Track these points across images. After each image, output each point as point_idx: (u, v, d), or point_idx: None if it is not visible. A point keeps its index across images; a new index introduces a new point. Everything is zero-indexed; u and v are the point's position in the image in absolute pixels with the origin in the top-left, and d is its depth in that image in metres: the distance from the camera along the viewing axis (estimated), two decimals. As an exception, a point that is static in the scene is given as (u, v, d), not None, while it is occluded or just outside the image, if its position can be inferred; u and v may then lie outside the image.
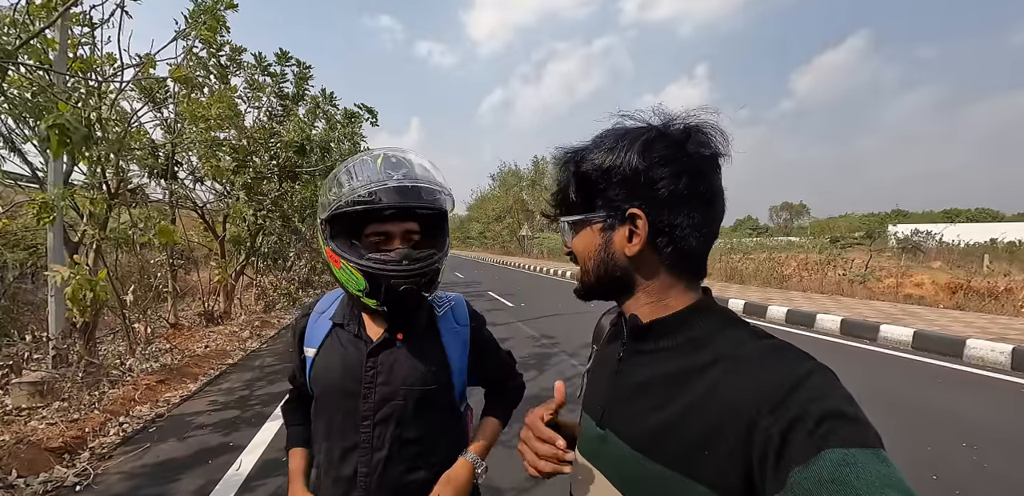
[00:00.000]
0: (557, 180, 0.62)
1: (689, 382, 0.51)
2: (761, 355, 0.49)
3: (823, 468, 0.38)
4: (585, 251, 0.60)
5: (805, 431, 0.41)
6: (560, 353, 5.24)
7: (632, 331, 0.60)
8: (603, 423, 0.60)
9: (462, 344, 1.02)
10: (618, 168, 0.55)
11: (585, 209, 0.59)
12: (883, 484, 0.36)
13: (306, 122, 7.54)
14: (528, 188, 33.90)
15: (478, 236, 46.13)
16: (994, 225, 23.15)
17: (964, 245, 15.18)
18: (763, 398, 0.44)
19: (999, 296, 8.14)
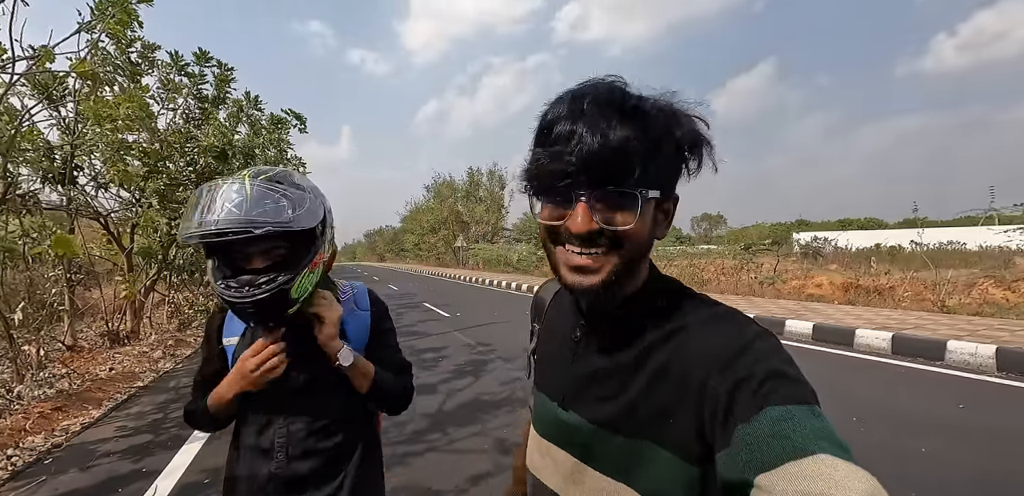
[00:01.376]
0: (631, 135, 0.46)
1: (651, 356, 0.52)
2: (712, 322, 0.51)
3: (763, 424, 0.40)
4: (640, 234, 0.50)
5: (749, 391, 0.43)
6: (496, 359, 5.28)
7: (600, 309, 0.58)
8: (566, 405, 0.59)
9: (363, 327, 1.08)
10: (698, 143, 0.50)
11: (661, 185, 0.49)
12: (817, 436, 0.38)
13: (227, 127, 7.17)
14: (463, 199, 33.92)
15: (412, 248, 45.32)
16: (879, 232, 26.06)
17: (855, 249, 17.00)
18: (712, 361, 0.47)
19: (883, 292, 9.21)
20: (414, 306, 10.90)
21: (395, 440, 3.12)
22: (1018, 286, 9.20)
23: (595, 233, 0.48)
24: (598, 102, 0.47)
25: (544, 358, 0.68)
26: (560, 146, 0.47)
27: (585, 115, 0.46)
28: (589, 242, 0.49)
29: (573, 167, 0.46)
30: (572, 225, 0.47)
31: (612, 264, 0.49)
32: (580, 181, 0.47)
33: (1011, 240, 11.09)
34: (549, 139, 0.48)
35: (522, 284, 14.43)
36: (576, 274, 0.50)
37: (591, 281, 0.50)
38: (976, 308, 6.89)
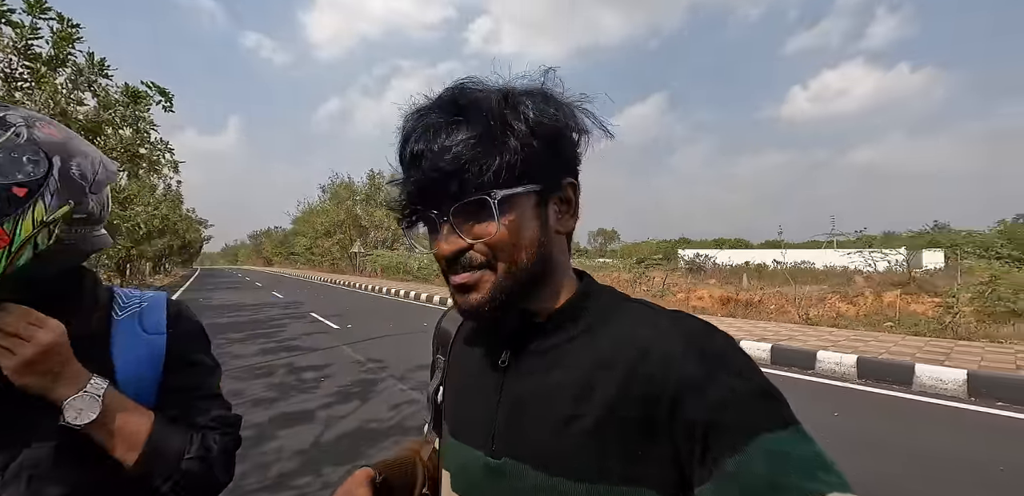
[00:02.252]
0: (463, 139, 0.43)
1: (605, 375, 0.44)
2: (666, 325, 0.45)
3: (755, 458, 0.37)
4: (512, 240, 0.45)
5: (733, 415, 0.39)
6: (388, 378, 4.78)
7: (527, 330, 0.50)
8: (498, 452, 0.48)
9: (149, 358, 0.67)
10: (567, 129, 0.48)
11: (530, 178, 0.45)
12: (813, 467, 0.36)
13: (65, 95, 5.91)
14: (362, 203, 32.23)
15: (304, 252, 42.22)
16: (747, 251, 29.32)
17: (730, 266, 18.80)
18: (683, 383, 0.41)
19: (755, 305, 10.12)
20: (299, 317, 9.89)
21: (253, 488, 2.54)
22: (857, 300, 10.64)
23: (463, 250, 0.45)
24: (430, 114, 0.45)
25: (458, 397, 0.57)
26: (407, 172, 0.46)
27: (417, 131, 0.45)
28: (456, 262, 0.46)
29: (420, 192, 0.45)
30: (438, 250, 0.46)
31: (492, 278, 0.45)
32: (435, 203, 0.45)
33: (852, 262, 12.84)
34: (402, 164, 0.47)
35: (421, 293, 13.85)
36: (460, 293, 0.47)
37: (475, 299, 0.46)
38: (833, 320, 7.73)
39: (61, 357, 0.56)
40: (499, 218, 0.43)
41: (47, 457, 0.57)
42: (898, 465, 2.75)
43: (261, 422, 3.52)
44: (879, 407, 3.89)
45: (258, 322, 9.16)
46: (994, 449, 2.96)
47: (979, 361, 4.57)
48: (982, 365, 4.40)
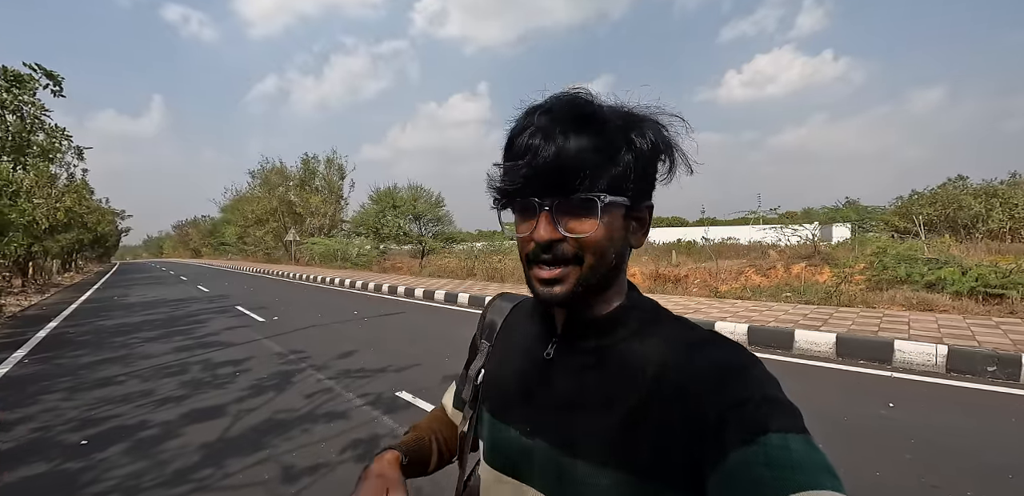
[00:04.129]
0: (587, 143, 0.47)
1: (640, 379, 0.49)
2: (702, 345, 0.49)
3: (762, 451, 0.39)
4: (603, 241, 0.49)
5: (746, 414, 0.42)
6: (307, 368, 4.75)
7: (578, 326, 0.55)
8: (532, 433, 0.54)
9: None
10: (659, 149, 0.51)
11: (625, 193, 0.49)
12: (817, 468, 0.39)
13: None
14: (296, 189, 30.81)
15: (236, 242, 39.97)
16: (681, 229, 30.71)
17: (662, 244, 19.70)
18: (708, 384, 0.45)
19: (680, 281, 10.73)
20: (223, 311, 9.48)
21: (148, 485, 2.52)
22: (770, 273, 11.51)
23: (557, 241, 0.48)
24: (553, 112, 0.48)
25: (500, 380, 0.62)
26: (519, 159, 0.48)
27: (541, 126, 0.48)
28: (551, 250, 0.49)
29: (529, 179, 0.48)
30: (535, 234, 0.48)
31: (577, 273, 0.49)
32: (540, 192, 0.48)
33: (766, 237, 13.81)
34: (511, 152, 0.50)
35: (356, 281, 13.61)
36: (544, 286, 0.50)
37: (559, 291, 0.50)
38: (740, 292, 8.36)
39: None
40: (600, 219, 0.48)
41: None
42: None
43: (169, 420, 3.44)
44: (761, 370, 4.32)
45: (176, 319, 8.71)
46: (849, 401, 3.40)
47: (850, 325, 5.15)
48: (851, 329, 4.96)
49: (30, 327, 8.22)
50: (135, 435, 3.21)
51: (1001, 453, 2.55)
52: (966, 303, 6.13)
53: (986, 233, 15.22)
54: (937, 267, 7.40)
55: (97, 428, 3.37)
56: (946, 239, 10.44)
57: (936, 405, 3.30)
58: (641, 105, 0.52)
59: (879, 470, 2.39)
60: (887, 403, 3.30)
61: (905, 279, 7.54)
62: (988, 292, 6.29)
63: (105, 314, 9.75)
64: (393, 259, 20.69)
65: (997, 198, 16.10)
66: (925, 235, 11.92)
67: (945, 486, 2.22)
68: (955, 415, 3.11)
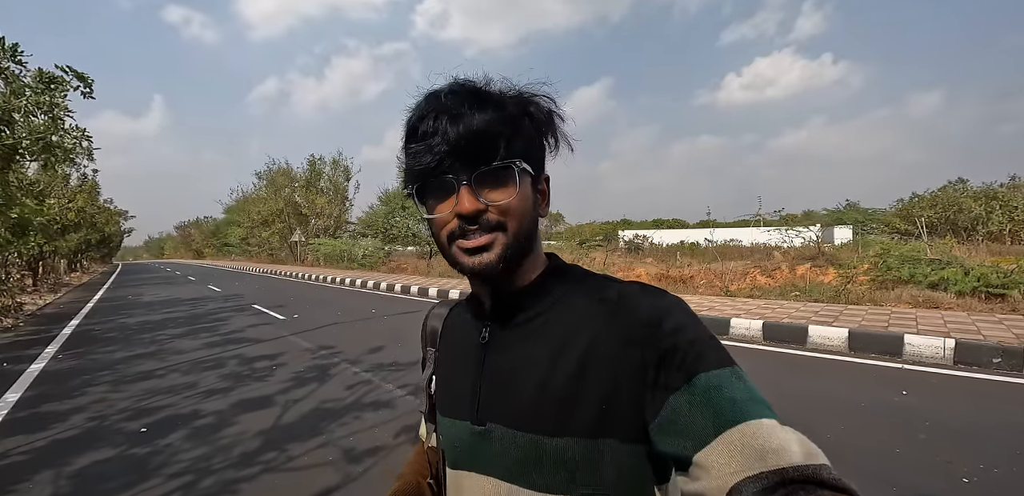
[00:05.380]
0: (492, 118, 0.49)
1: (574, 336, 0.50)
2: (629, 295, 0.51)
3: (695, 392, 0.42)
4: (522, 207, 0.51)
5: (678, 358, 0.44)
6: (341, 362, 4.95)
7: (505, 303, 0.56)
8: (481, 419, 0.54)
9: None
10: (554, 122, 0.54)
11: (532, 160, 0.51)
12: (742, 398, 0.41)
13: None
14: (302, 190, 31.01)
15: (240, 243, 40.15)
16: (683, 231, 30.94)
17: (666, 245, 19.91)
18: (639, 332, 0.47)
19: (686, 281, 10.94)
20: (241, 309, 9.68)
21: (219, 466, 2.71)
22: (775, 274, 11.71)
23: (481, 211, 0.49)
24: (454, 94, 0.49)
25: (446, 380, 0.62)
26: (428, 139, 0.49)
27: (445, 108, 0.49)
28: (475, 221, 0.49)
29: (445, 154, 0.48)
30: (459, 207, 0.48)
31: (504, 240, 0.50)
32: (456, 168, 0.48)
33: (771, 239, 14.01)
34: (417, 137, 0.50)
35: (368, 281, 13.80)
36: (473, 255, 0.50)
37: (488, 258, 0.50)
38: (749, 292, 8.57)
39: None
40: (518, 185, 0.49)
41: None
42: (790, 405, 3.31)
43: (220, 410, 3.64)
44: (777, 362, 4.53)
45: (198, 317, 8.91)
46: (865, 389, 3.61)
47: (860, 321, 5.36)
48: (861, 324, 5.18)
49: (53, 324, 8.41)
50: (191, 423, 3.40)
51: (1008, 433, 2.76)
52: (969, 301, 6.35)
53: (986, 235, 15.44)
54: (940, 268, 7.61)
55: (152, 417, 3.56)
56: (948, 240, 10.66)
57: (946, 393, 3.51)
58: (525, 85, 0.54)
59: (898, 448, 2.60)
60: (900, 391, 3.51)
61: (909, 279, 7.75)
62: (990, 291, 6.50)
63: (125, 312, 9.94)
64: (398, 260, 20.87)
65: (997, 201, 16.32)
66: (927, 237, 12.13)
67: (958, 461, 2.43)
68: (964, 401, 3.33)
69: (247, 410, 3.63)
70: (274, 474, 2.62)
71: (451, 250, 0.51)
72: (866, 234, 17.80)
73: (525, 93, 0.53)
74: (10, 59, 6.09)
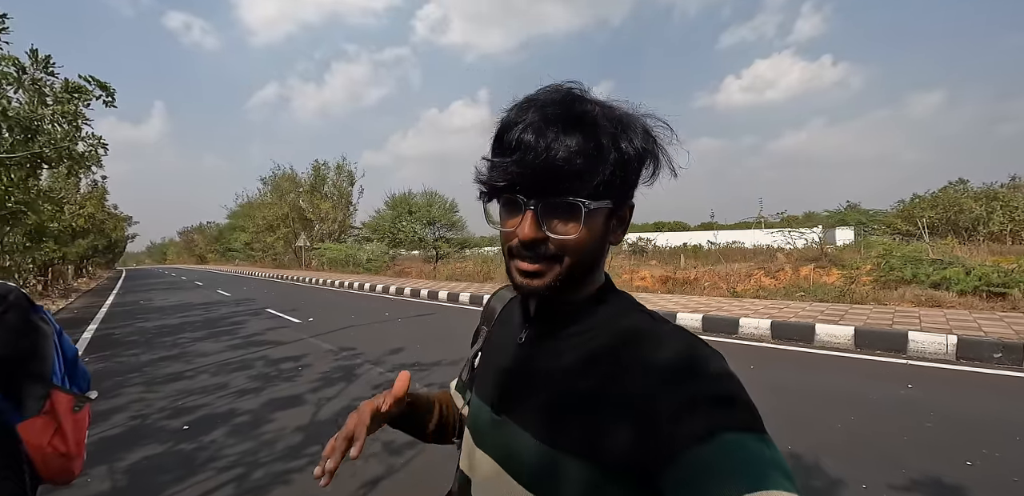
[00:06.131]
0: (577, 147, 0.46)
1: (597, 364, 0.51)
2: (664, 337, 0.50)
3: (717, 450, 0.39)
4: (584, 243, 0.50)
5: (702, 411, 0.41)
6: (364, 363, 5.12)
7: (548, 314, 0.58)
8: (498, 409, 0.57)
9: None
10: (645, 155, 0.52)
11: (610, 195, 0.50)
12: (768, 466, 0.38)
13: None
14: (307, 195, 31.26)
15: (243, 248, 40.35)
16: (685, 233, 31.09)
17: (669, 248, 20.09)
18: (663, 376, 0.45)
19: (691, 282, 11.11)
20: (255, 313, 9.84)
21: (267, 460, 2.88)
22: (779, 275, 11.87)
23: (540, 241, 0.49)
24: (547, 109, 0.48)
25: (486, 362, 0.67)
26: (509, 155, 0.48)
27: (533, 123, 0.47)
28: (534, 248, 0.49)
29: (517, 178, 0.48)
30: (519, 231, 0.49)
31: (557, 270, 0.50)
32: (528, 190, 0.48)
33: (775, 240, 14.18)
34: (501, 146, 0.50)
35: (376, 285, 13.98)
36: (524, 278, 0.51)
37: (537, 284, 0.51)
38: (755, 292, 8.73)
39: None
40: (583, 224, 0.48)
41: None
42: (802, 399, 3.49)
43: (255, 408, 3.80)
44: (787, 360, 4.71)
45: (213, 320, 9.08)
46: (872, 383, 3.78)
47: (865, 320, 5.54)
48: (867, 323, 5.35)
49: (73, 329, 8.57)
50: (230, 421, 3.57)
51: (1009, 422, 2.94)
52: (971, 300, 6.52)
53: (987, 235, 15.59)
54: (942, 267, 7.78)
55: (192, 416, 3.73)
56: (949, 241, 10.82)
57: (950, 386, 3.69)
58: (631, 106, 0.52)
59: (905, 436, 2.78)
60: (906, 385, 3.69)
61: (912, 279, 7.92)
62: (991, 290, 6.67)
63: (141, 316, 10.11)
64: (403, 264, 21.06)
65: (998, 201, 16.48)
66: (928, 237, 12.29)
67: (962, 447, 2.61)
68: (968, 394, 3.51)
69: (281, 408, 3.79)
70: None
71: (510, 264, 0.53)
72: (868, 235, 17.96)
73: (619, 120, 0.50)
74: (42, 70, 6.31)
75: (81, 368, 1.16)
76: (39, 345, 1.02)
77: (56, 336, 1.07)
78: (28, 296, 1.03)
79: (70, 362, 1.12)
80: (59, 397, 1.02)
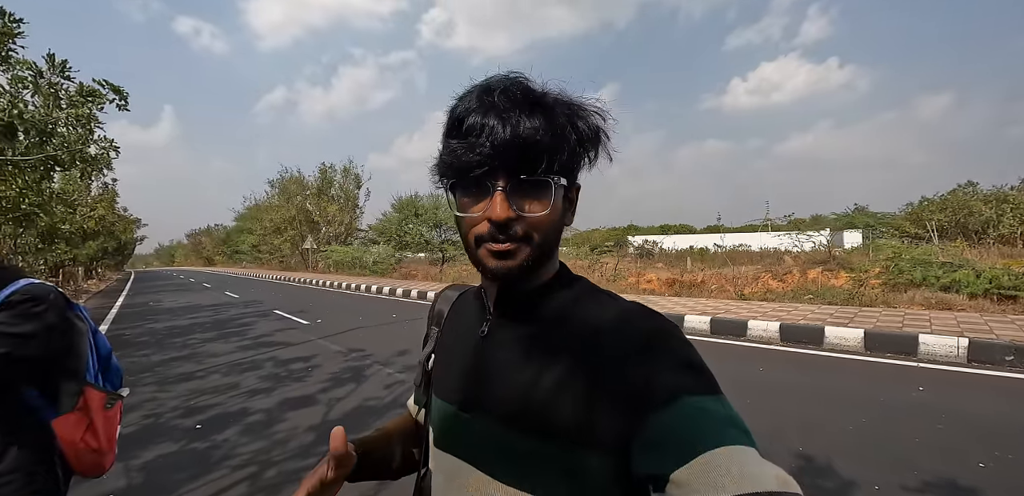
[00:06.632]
0: (540, 126, 0.48)
1: (565, 345, 0.52)
2: (626, 314, 0.52)
3: (678, 413, 0.42)
4: (552, 220, 0.52)
5: (665, 379, 0.44)
6: (374, 364, 5.15)
7: (509, 303, 0.58)
8: (466, 406, 0.56)
9: None
10: (598, 134, 0.53)
11: (567, 174, 0.52)
12: (725, 424, 0.41)
13: (12, 93, 5.76)
14: (314, 198, 31.46)
15: (251, 250, 40.62)
16: (691, 236, 31.00)
17: (675, 251, 20.05)
18: (629, 349, 0.47)
19: (698, 285, 11.08)
20: (264, 315, 9.91)
21: (279, 458, 2.91)
22: (786, 278, 11.82)
23: (513, 220, 0.49)
24: (507, 94, 0.49)
25: (443, 362, 0.65)
26: (473, 138, 0.48)
27: (495, 107, 0.48)
28: (506, 229, 0.49)
29: (488, 158, 0.47)
30: (491, 213, 0.48)
31: (528, 250, 0.50)
32: (495, 171, 0.48)
33: (782, 243, 14.12)
34: (461, 131, 0.50)
35: (383, 287, 14.03)
36: (498, 259, 0.51)
37: (510, 264, 0.50)
38: (763, 295, 8.71)
39: None
40: (552, 200, 0.50)
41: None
42: (812, 401, 3.48)
43: (267, 408, 3.84)
44: (795, 362, 4.70)
45: (223, 322, 9.15)
46: (882, 386, 3.77)
47: (875, 322, 5.51)
48: (876, 325, 5.33)
49: (86, 330, 8.67)
50: (242, 420, 3.61)
51: (1021, 424, 2.93)
52: (982, 303, 6.47)
53: (997, 238, 15.45)
54: (952, 270, 7.73)
55: (204, 415, 3.77)
56: (959, 243, 10.74)
57: (961, 389, 3.67)
58: (574, 93, 0.53)
59: (917, 437, 2.77)
60: (917, 387, 3.68)
61: (921, 282, 7.87)
62: (1002, 293, 6.62)
63: (151, 318, 10.20)
64: (409, 266, 21.13)
65: (1008, 203, 16.33)
66: (938, 240, 12.20)
67: (974, 449, 2.60)
68: (978, 396, 3.49)
69: (293, 408, 3.83)
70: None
71: (477, 251, 0.52)
72: (876, 238, 17.84)
73: (577, 103, 0.52)
74: (59, 74, 6.41)
75: (114, 365, 1.20)
76: (75, 343, 1.05)
77: (91, 333, 1.11)
78: (66, 295, 1.07)
79: (104, 359, 1.15)
80: (92, 394, 1.06)
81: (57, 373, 1.02)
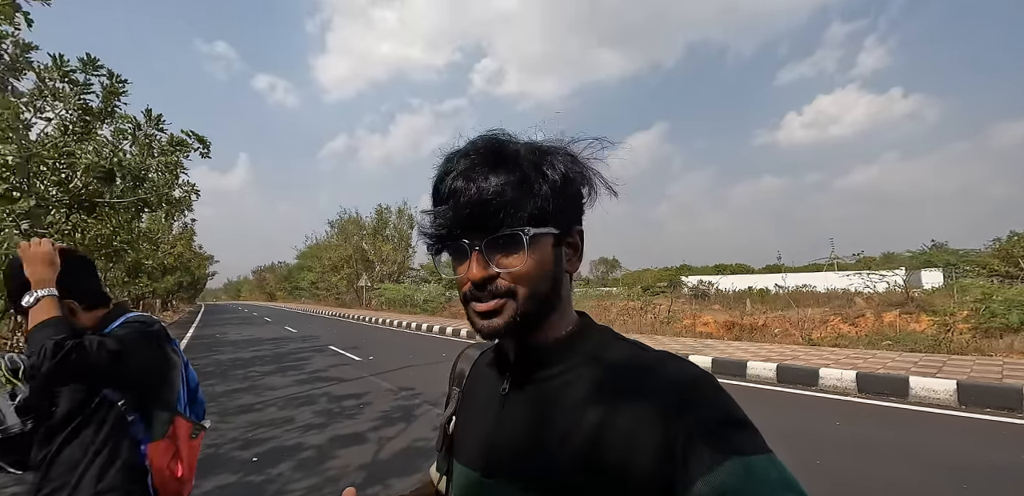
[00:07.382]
0: (504, 182, 0.49)
1: (594, 405, 0.48)
2: (656, 364, 0.49)
3: (727, 477, 0.39)
4: (535, 272, 0.50)
5: (708, 439, 0.42)
6: (423, 403, 5.14)
7: (529, 359, 0.55)
8: (488, 472, 0.54)
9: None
10: (574, 177, 0.53)
11: (551, 222, 0.51)
12: (778, 487, 0.39)
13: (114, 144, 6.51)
14: (369, 237, 32.90)
15: (309, 287, 42.49)
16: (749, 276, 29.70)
17: (733, 291, 19.18)
18: (667, 405, 0.45)
19: (759, 329, 10.46)
20: (319, 350, 10.20)
21: (330, 495, 2.91)
22: (858, 321, 10.97)
23: (490, 278, 0.49)
24: (471, 155, 0.50)
25: (464, 425, 0.62)
26: (443, 204, 0.50)
27: (461, 170, 0.50)
28: (486, 287, 0.49)
29: (456, 222, 0.49)
30: (469, 274, 0.49)
31: (513, 306, 0.50)
32: (468, 231, 0.49)
33: (851, 284, 13.22)
34: (437, 197, 0.52)
35: (434, 326, 14.17)
36: (483, 319, 0.51)
37: (495, 324, 0.50)
38: (834, 340, 8.09)
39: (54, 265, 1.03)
40: (528, 252, 0.49)
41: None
42: (901, 463, 3.12)
43: (320, 444, 3.88)
44: (877, 416, 4.25)
45: (281, 355, 9.49)
46: (986, 448, 3.33)
47: (969, 372, 4.95)
48: (971, 376, 4.78)
49: (159, 361, 9.21)
50: (296, 455, 3.65)
51: None
52: (1098, 354, 5.71)
53: (1105, 278, 13.79)
54: (1056, 314, 6.92)
55: (260, 448, 3.85)
56: (1061, 285, 9.66)
57: (1086, 456, 3.17)
58: (555, 138, 0.54)
59: (1037, 512, 2.40)
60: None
61: (1018, 326, 7.08)
62: (1123, 342, 5.83)
63: (217, 349, 10.74)
64: (458, 306, 21.27)
65: (1115, 239, 14.66)
66: (1034, 281, 11.03)
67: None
68: (1110, 467, 2.99)
69: (344, 445, 3.85)
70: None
71: (467, 310, 0.52)
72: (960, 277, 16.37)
73: (545, 150, 0.52)
74: (155, 127, 7.21)
75: (200, 398, 1.27)
76: (170, 374, 1.13)
77: (183, 366, 1.19)
78: (167, 328, 1.16)
79: (192, 391, 1.23)
80: (180, 423, 1.12)
81: (152, 401, 1.09)
